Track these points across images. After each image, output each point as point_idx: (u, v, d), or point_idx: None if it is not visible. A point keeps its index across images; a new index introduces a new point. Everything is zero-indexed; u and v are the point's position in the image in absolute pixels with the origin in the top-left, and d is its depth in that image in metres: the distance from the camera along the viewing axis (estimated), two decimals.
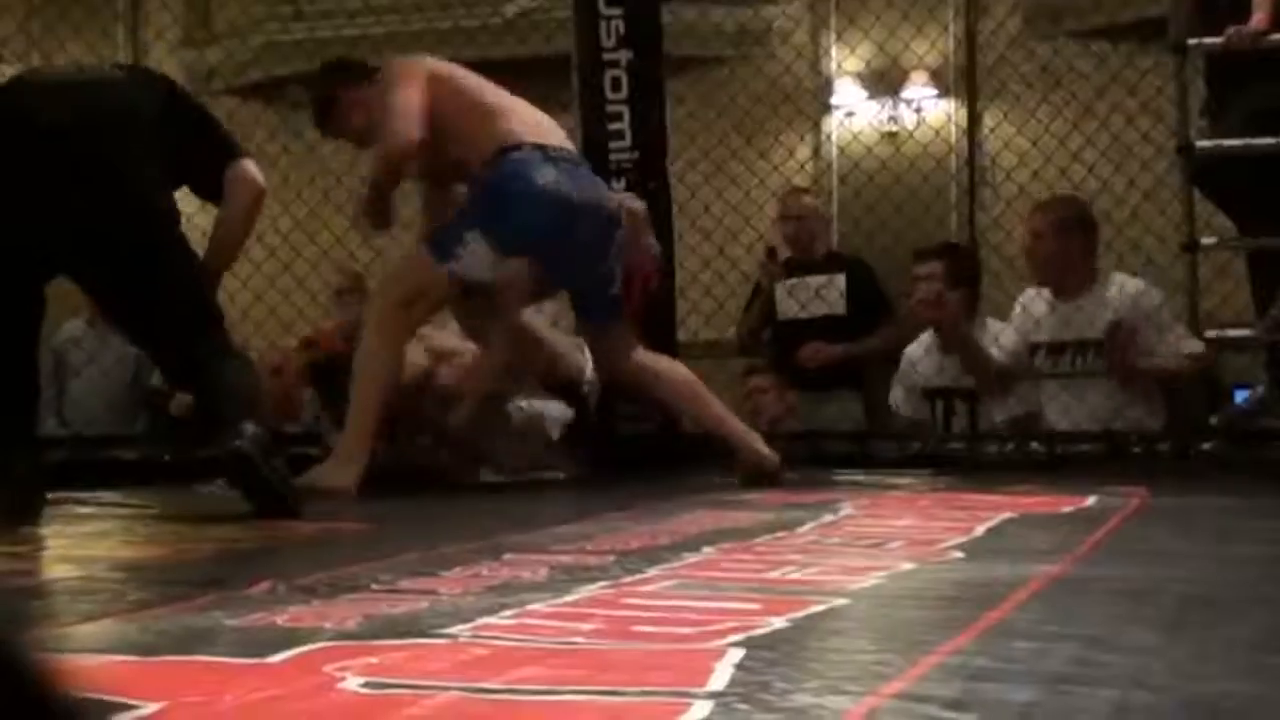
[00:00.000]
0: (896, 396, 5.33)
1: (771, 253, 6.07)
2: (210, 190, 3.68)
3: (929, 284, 5.04)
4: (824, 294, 5.84)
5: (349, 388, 3.87)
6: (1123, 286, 4.72)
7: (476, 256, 3.82)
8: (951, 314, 4.89)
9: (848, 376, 5.79)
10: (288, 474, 3.16)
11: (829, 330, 5.75)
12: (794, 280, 5.90)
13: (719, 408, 4.23)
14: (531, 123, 4.03)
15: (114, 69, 3.72)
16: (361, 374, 3.84)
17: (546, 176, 3.89)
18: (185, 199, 3.65)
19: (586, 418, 4.59)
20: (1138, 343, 4.64)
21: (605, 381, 4.40)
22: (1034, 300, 4.91)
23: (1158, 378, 4.72)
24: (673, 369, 4.26)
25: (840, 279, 5.89)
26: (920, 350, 5.24)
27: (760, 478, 3.93)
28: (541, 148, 3.94)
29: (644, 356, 4.21)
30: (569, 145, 4.15)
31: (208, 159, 3.62)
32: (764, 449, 4.07)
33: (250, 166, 3.68)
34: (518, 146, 3.91)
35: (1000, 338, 4.97)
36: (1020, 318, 4.92)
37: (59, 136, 3.34)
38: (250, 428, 3.06)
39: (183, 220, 3.54)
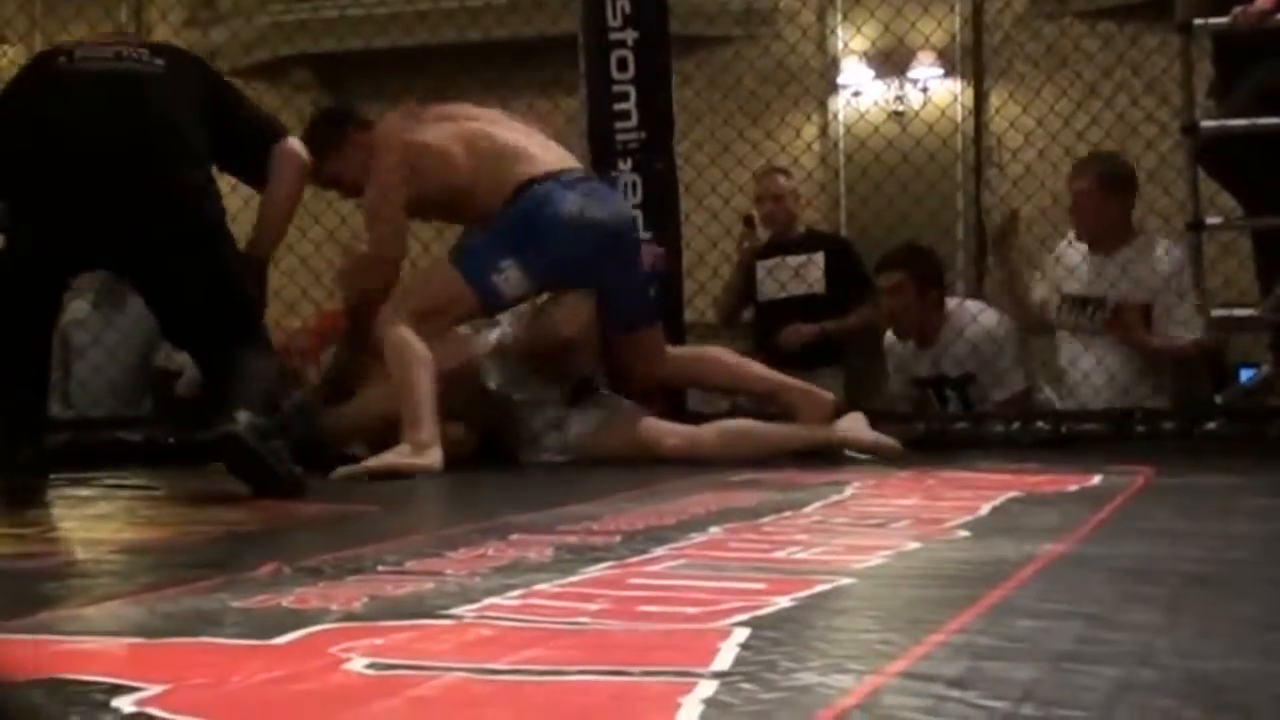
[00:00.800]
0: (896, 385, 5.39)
1: (749, 220, 6.07)
2: (254, 175, 3.69)
3: (898, 298, 5.12)
4: (803, 273, 5.83)
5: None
6: (1169, 249, 4.75)
7: (511, 284, 3.92)
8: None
9: (829, 355, 5.77)
10: (287, 456, 3.16)
11: (809, 309, 5.75)
12: (773, 260, 5.90)
13: (762, 367, 4.42)
14: (539, 156, 4.08)
15: (153, 56, 3.59)
16: (399, 367, 3.86)
17: (572, 205, 3.98)
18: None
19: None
20: (1161, 304, 4.68)
21: (641, 389, 4.36)
22: (1067, 251, 4.93)
23: (1167, 355, 4.75)
24: (708, 351, 4.36)
25: (819, 257, 5.88)
26: (890, 341, 5.31)
27: (835, 413, 4.12)
28: (555, 176, 4.01)
29: (677, 351, 4.28)
30: (575, 163, 4.22)
31: (248, 145, 3.63)
32: (819, 390, 4.28)
33: (294, 143, 3.71)
34: (533, 181, 3.98)
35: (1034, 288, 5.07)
36: (1054, 270, 4.94)
37: (106, 143, 3.35)
38: (245, 414, 3.06)
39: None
